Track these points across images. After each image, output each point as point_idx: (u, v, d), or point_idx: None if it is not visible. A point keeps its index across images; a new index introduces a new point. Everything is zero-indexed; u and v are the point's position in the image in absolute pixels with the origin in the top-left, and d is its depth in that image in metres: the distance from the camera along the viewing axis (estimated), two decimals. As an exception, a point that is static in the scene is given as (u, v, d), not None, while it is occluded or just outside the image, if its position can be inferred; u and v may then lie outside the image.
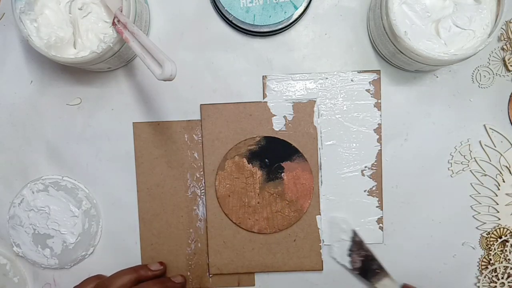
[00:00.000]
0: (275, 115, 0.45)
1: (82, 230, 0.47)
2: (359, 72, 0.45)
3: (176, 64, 0.34)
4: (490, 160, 0.45)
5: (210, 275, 0.47)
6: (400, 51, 0.39)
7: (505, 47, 0.44)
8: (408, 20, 0.39)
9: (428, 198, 0.46)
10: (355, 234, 0.45)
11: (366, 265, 0.46)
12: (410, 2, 0.39)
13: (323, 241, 0.46)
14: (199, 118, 0.46)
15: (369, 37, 0.45)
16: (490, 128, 0.45)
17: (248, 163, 0.46)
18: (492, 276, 0.46)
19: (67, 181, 0.47)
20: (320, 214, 0.46)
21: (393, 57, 0.42)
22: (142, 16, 0.42)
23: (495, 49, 0.45)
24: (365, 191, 0.46)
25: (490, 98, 0.45)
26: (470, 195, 0.46)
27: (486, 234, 0.46)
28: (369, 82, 0.45)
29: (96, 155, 0.47)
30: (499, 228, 0.45)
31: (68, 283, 0.48)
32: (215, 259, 0.47)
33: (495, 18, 0.39)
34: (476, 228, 0.46)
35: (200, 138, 0.46)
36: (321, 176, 0.46)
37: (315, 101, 0.45)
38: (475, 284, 0.46)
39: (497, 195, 0.45)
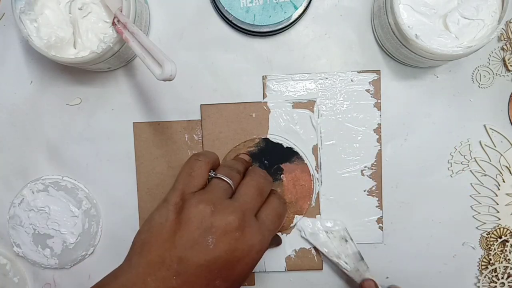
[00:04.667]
0: (275, 115, 0.45)
1: (82, 230, 0.47)
2: (359, 72, 0.45)
3: (176, 64, 0.34)
4: (490, 160, 0.45)
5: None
6: (414, 52, 0.40)
7: (505, 47, 0.44)
8: (416, 21, 0.39)
9: (428, 198, 0.46)
10: None
11: None
12: (414, 3, 0.39)
13: (323, 241, 0.46)
14: (199, 118, 0.46)
15: (375, 37, 0.45)
16: (490, 128, 0.45)
17: (248, 164, 0.46)
18: (492, 276, 0.46)
19: (67, 181, 0.47)
20: (320, 214, 0.46)
21: (405, 58, 0.43)
22: (142, 16, 0.42)
23: (495, 49, 0.45)
24: (364, 191, 0.46)
25: (490, 98, 0.45)
26: (470, 195, 0.46)
27: (486, 234, 0.46)
28: (369, 82, 0.45)
29: (96, 155, 0.47)
30: (499, 228, 0.45)
31: (68, 283, 0.48)
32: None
33: (502, 4, 0.39)
34: (476, 228, 0.46)
35: (200, 138, 0.46)
36: (321, 176, 0.46)
37: (315, 101, 0.45)
38: (475, 284, 0.46)
39: (497, 195, 0.45)
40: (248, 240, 0.34)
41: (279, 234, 0.46)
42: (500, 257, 0.45)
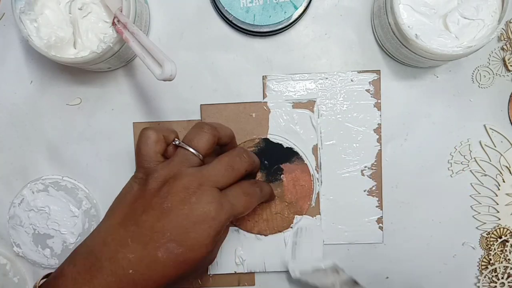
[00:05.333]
0: (275, 115, 0.45)
1: (82, 230, 0.47)
2: (359, 72, 0.45)
3: (176, 64, 0.34)
4: (490, 160, 0.45)
5: (210, 275, 0.47)
6: (414, 52, 0.40)
7: (505, 47, 0.44)
8: (416, 21, 0.39)
9: (428, 198, 0.46)
10: None
11: None
12: (414, 3, 0.39)
13: (323, 241, 0.46)
14: (199, 118, 0.46)
15: (375, 37, 0.45)
16: (490, 128, 0.45)
17: (248, 164, 0.46)
18: (492, 276, 0.46)
19: (67, 181, 0.47)
20: (320, 214, 0.46)
21: (405, 58, 0.43)
22: (142, 16, 0.42)
23: (495, 49, 0.45)
24: (364, 191, 0.46)
25: (490, 98, 0.45)
26: (470, 195, 0.46)
27: (486, 234, 0.46)
28: (369, 82, 0.45)
29: (96, 155, 0.47)
30: (499, 228, 0.45)
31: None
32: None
33: (502, 4, 0.39)
34: (476, 228, 0.46)
35: (200, 138, 0.46)
36: (321, 176, 0.46)
37: (315, 101, 0.45)
38: (475, 284, 0.46)
39: (497, 195, 0.45)
40: (203, 207, 0.35)
41: (280, 233, 0.46)
42: (500, 257, 0.46)
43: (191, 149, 0.36)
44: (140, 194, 0.36)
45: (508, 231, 0.45)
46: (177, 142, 0.37)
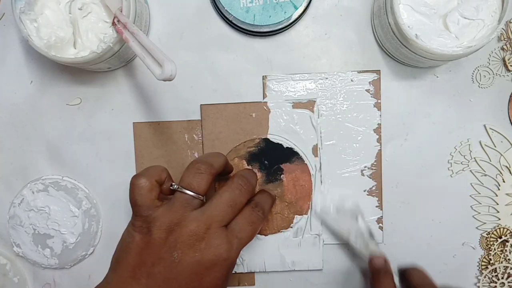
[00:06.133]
0: (275, 115, 0.45)
1: (82, 230, 0.47)
2: (359, 72, 0.45)
3: (176, 64, 0.34)
4: (490, 160, 0.45)
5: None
6: (414, 52, 0.40)
7: (505, 47, 0.44)
8: (416, 21, 0.39)
9: (428, 198, 0.46)
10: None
11: None
12: (414, 3, 0.39)
13: (323, 241, 0.46)
14: (199, 118, 0.46)
15: (375, 37, 0.45)
16: (490, 128, 0.45)
17: (248, 165, 0.46)
18: (492, 276, 0.46)
19: (67, 181, 0.47)
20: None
21: (405, 58, 0.43)
22: (142, 16, 0.42)
23: (495, 49, 0.45)
24: (364, 191, 0.46)
25: (490, 98, 0.45)
26: (470, 195, 0.46)
27: (486, 234, 0.46)
28: (369, 82, 0.45)
29: (96, 155, 0.47)
30: (499, 228, 0.45)
31: (68, 283, 0.48)
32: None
33: (502, 4, 0.39)
34: (476, 228, 0.46)
35: (200, 138, 0.46)
36: (321, 176, 0.46)
37: (315, 101, 0.45)
38: (475, 284, 0.46)
39: (497, 195, 0.45)
40: (214, 250, 0.34)
41: (280, 233, 0.46)
42: (500, 257, 0.46)
43: (191, 193, 0.36)
44: (145, 244, 0.35)
45: (508, 231, 0.45)
46: (175, 187, 0.36)
